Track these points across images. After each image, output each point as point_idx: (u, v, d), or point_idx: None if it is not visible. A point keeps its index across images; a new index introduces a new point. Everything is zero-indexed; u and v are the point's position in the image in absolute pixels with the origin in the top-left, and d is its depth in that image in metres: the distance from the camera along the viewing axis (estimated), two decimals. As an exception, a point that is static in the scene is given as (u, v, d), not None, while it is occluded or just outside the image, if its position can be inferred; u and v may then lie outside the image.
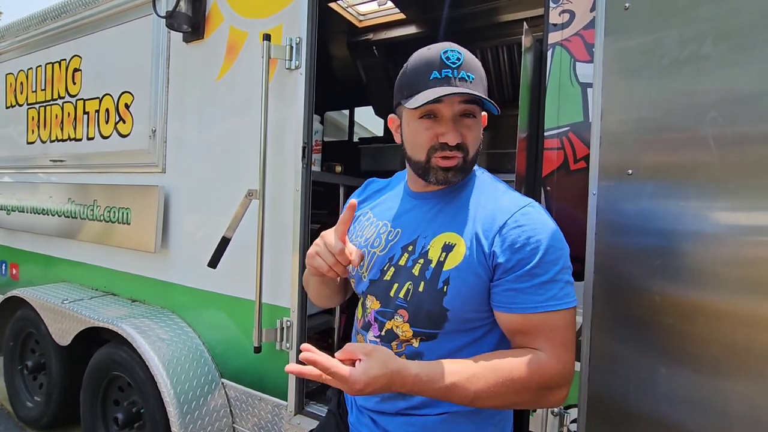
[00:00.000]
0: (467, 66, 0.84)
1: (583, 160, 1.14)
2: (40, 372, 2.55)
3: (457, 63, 0.83)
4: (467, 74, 0.83)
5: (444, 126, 0.85)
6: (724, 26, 0.89)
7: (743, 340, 0.86)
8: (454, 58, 0.83)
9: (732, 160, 0.87)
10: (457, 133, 0.85)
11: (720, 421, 0.90)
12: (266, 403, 1.74)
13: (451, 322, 0.86)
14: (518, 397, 0.80)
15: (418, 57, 0.88)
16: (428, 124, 0.86)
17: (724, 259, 0.89)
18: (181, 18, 1.90)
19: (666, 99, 0.96)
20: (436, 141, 0.86)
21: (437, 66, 0.83)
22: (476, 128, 0.88)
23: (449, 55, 0.83)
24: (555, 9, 1.20)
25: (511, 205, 0.86)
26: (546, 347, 0.81)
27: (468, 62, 0.84)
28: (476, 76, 0.85)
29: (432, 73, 0.83)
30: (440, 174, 0.88)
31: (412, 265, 0.89)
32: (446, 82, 0.82)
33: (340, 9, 2.70)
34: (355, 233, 1.05)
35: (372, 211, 1.06)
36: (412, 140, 0.90)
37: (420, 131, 0.87)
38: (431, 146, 0.87)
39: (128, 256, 2.27)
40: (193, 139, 1.99)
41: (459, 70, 0.83)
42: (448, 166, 0.87)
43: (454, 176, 0.88)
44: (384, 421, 0.94)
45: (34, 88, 2.81)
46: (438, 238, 0.89)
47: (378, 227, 1.00)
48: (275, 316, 1.71)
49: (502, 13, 2.51)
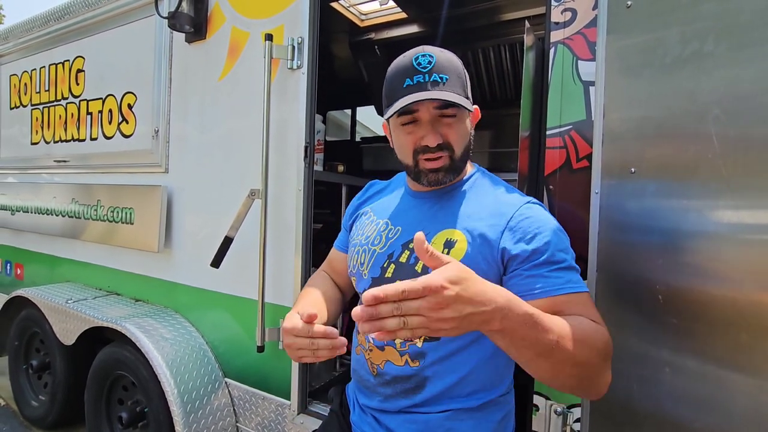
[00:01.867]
0: (439, 68, 0.85)
1: (586, 159, 1.14)
2: (45, 371, 2.56)
3: (428, 67, 0.85)
4: (440, 76, 0.85)
5: (423, 129, 0.88)
6: (726, 24, 0.88)
7: (747, 338, 0.86)
8: (425, 62, 0.85)
9: (735, 158, 0.87)
10: (437, 134, 0.87)
11: (724, 419, 0.89)
12: (270, 402, 1.75)
13: None
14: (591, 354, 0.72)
15: (394, 65, 0.90)
16: (410, 129, 0.90)
17: (727, 258, 0.88)
18: (183, 18, 1.90)
19: (668, 97, 0.96)
20: (418, 144, 0.89)
21: (410, 73, 0.86)
22: (458, 125, 0.89)
23: (420, 60, 0.85)
24: (557, 7, 1.20)
25: (514, 200, 0.89)
26: (586, 317, 0.79)
27: (440, 64, 0.86)
28: (451, 75, 0.86)
29: (405, 81, 0.86)
30: (430, 176, 0.90)
31: (415, 263, 0.90)
32: (418, 88, 0.84)
33: (342, 9, 2.70)
34: (356, 232, 1.06)
35: (372, 210, 1.07)
36: (399, 146, 0.94)
37: (403, 137, 0.91)
38: (415, 150, 0.90)
39: (132, 256, 2.28)
40: (196, 139, 1.99)
41: (431, 73, 0.84)
42: (435, 168, 0.89)
43: (445, 176, 0.90)
44: (386, 419, 0.94)
45: (37, 89, 2.83)
46: (439, 235, 0.90)
47: (378, 225, 1.01)
48: (278, 316, 1.71)
49: (504, 12, 2.50)
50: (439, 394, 0.89)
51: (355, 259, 1.02)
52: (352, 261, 1.03)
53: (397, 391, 0.92)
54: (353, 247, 1.05)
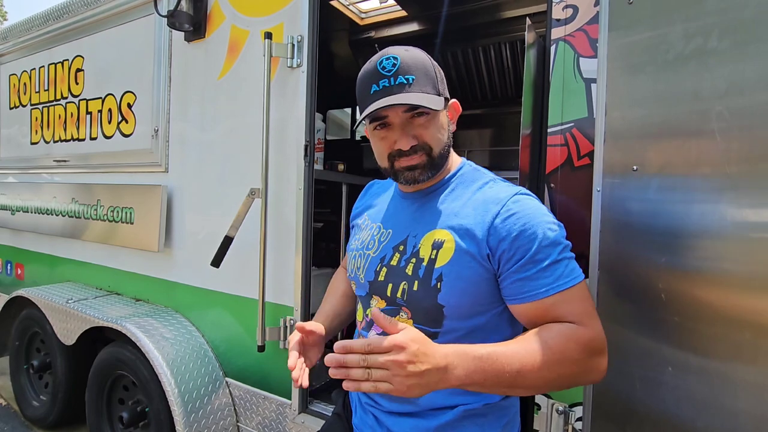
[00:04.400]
0: (404, 69, 0.84)
1: (588, 157, 1.13)
2: (46, 371, 2.56)
3: (392, 70, 0.84)
4: (405, 78, 0.84)
5: (395, 133, 0.87)
6: (729, 20, 0.88)
7: (750, 337, 0.86)
8: (390, 66, 0.84)
9: (738, 155, 0.86)
10: (408, 137, 0.86)
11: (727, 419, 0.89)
12: (270, 401, 1.75)
13: (449, 319, 0.86)
14: (562, 368, 0.76)
15: (363, 71, 0.89)
16: (383, 134, 0.89)
17: (730, 256, 0.88)
18: (182, 17, 1.90)
19: (671, 94, 0.95)
20: (392, 149, 0.88)
21: (375, 78, 0.85)
22: (432, 123, 0.88)
23: (384, 64, 0.85)
24: (558, 4, 1.19)
25: (500, 194, 0.86)
26: (570, 319, 0.79)
27: (405, 64, 0.84)
28: (417, 74, 0.85)
29: (372, 87, 0.85)
30: (406, 174, 0.89)
31: (405, 265, 0.90)
32: (384, 93, 0.84)
33: (342, 7, 2.69)
34: (353, 237, 1.08)
35: (368, 214, 1.08)
36: (375, 151, 0.94)
37: (377, 142, 0.91)
38: (389, 153, 0.89)
39: (132, 256, 2.27)
40: (196, 138, 1.99)
41: (395, 76, 0.84)
42: (410, 165, 0.88)
43: (422, 174, 0.89)
44: (388, 420, 0.93)
45: (37, 88, 2.82)
46: (427, 236, 0.89)
47: (372, 230, 1.02)
48: (278, 315, 1.71)
49: (505, 9, 2.50)
50: (442, 397, 0.88)
51: (353, 263, 1.02)
52: (350, 266, 1.04)
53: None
54: (350, 251, 1.05)
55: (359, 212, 1.13)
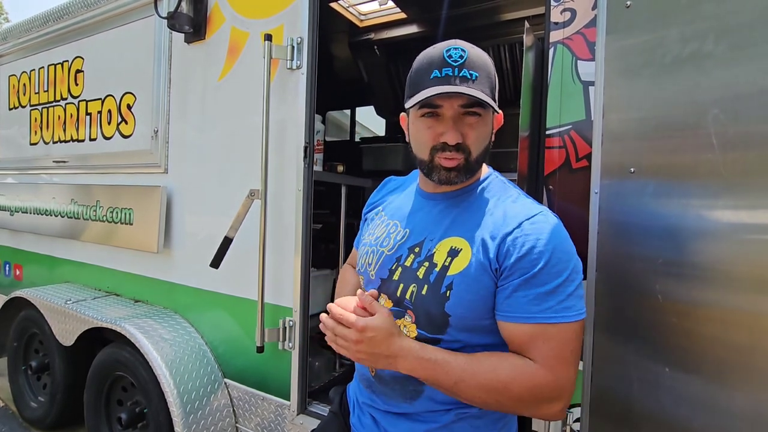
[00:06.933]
0: (470, 64, 0.82)
1: (585, 159, 1.14)
2: (44, 372, 2.56)
3: (459, 61, 0.81)
4: (470, 72, 0.81)
5: (444, 125, 0.84)
6: (725, 24, 0.89)
7: (747, 338, 0.86)
8: (457, 56, 0.81)
9: (734, 158, 0.87)
10: (457, 133, 0.83)
11: (724, 420, 0.89)
12: (269, 402, 1.75)
13: (453, 328, 0.84)
14: (502, 398, 0.78)
15: (423, 55, 0.87)
16: (430, 123, 0.86)
17: (727, 258, 0.88)
18: (182, 19, 1.90)
19: (668, 97, 0.96)
20: (437, 141, 0.85)
21: (438, 65, 0.82)
22: (480, 127, 0.85)
23: (452, 53, 0.82)
24: (556, 7, 1.20)
25: (521, 212, 0.84)
26: (538, 357, 0.78)
27: (472, 60, 0.82)
28: (481, 73, 0.82)
29: (433, 72, 0.82)
30: (443, 173, 0.87)
31: (417, 267, 0.88)
32: (446, 81, 0.81)
33: (341, 9, 2.70)
34: (367, 231, 1.06)
35: (384, 210, 1.06)
36: (416, 139, 0.90)
37: (422, 130, 0.87)
38: (433, 146, 0.86)
39: (131, 257, 2.27)
40: (195, 139, 1.99)
41: (461, 68, 0.81)
42: (449, 167, 0.86)
43: (457, 176, 0.87)
44: (385, 421, 0.94)
45: (36, 89, 2.82)
46: (444, 242, 0.88)
47: (389, 227, 1.00)
48: (278, 316, 1.71)
49: (504, 12, 2.51)
50: (439, 399, 0.88)
51: (364, 259, 1.01)
52: (361, 260, 1.02)
53: (396, 393, 0.91)
54: (363, 246, 1.04)
55: (374, 206, 1.11)
